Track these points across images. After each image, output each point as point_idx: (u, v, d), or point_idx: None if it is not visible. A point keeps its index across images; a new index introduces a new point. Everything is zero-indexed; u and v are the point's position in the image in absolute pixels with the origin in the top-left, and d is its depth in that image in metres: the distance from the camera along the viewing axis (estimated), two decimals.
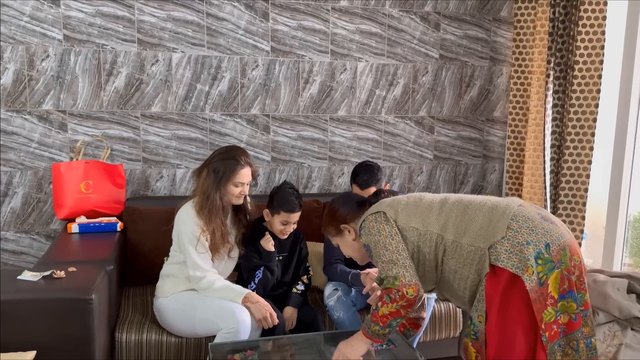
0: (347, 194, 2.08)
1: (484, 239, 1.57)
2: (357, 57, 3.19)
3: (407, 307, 1.64)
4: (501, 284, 1.53)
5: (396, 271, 1.64)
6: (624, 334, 1.69)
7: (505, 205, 1.62)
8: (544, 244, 1.51)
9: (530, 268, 1.49)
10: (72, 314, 1.85)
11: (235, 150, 2.32)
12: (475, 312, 1.61)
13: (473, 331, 1.62)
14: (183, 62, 2.91)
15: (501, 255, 1.54)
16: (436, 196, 1.78)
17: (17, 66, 2.69)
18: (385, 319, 1.66)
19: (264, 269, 2.37)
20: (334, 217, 1.96)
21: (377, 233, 1.71)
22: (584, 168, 2.89)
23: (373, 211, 1.79)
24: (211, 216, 2.21)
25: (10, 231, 2.81)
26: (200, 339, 2.22)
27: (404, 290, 1.61)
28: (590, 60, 2.82)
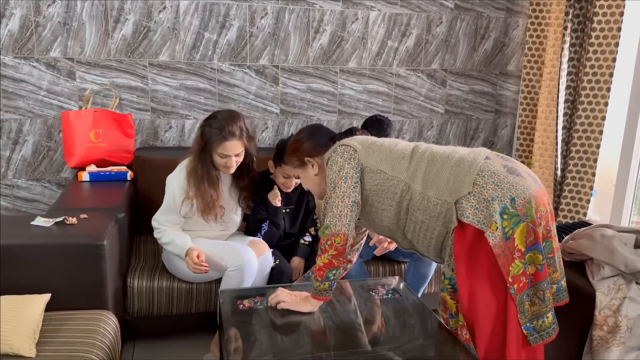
0: (317, 126, 1.99)
1: (450, 193, 1.57)
2: (369, 6, 3.10)
3: (338, 257, 1.67)
4: (467, 238, 1.54)
5: (330, 218, 1.66)
6: (628, 287, 1.70)
7: (472, 159, 1.60)
8: (509, 199, 1.50)
9: (494, 224, 1.49)
10: (84, 259, 1.89)
11: (227, 118, 2.18)
12: (449, 267, 1.63)
13: (450, 284, 1.64)
14: (191, 10, 2.85)
15: (467, 210, 1.53)
16: (409, 144, 1.75)
17: (23, 12, 2.65)
18: (322, 272, 1.68)
19: (269, 223, 2.39)
20: (298, 148, 1.88)
21: (337, 171, 1.69)
22: (597, 124, 2.84)
23: (344, 143, 1.74)
24: (197, 178, 2.19)
25: (22, 179, 2.85)
26: (210, 286, 2.27)
27: (333, 239, 1.64)
28: (610, 12, 2.73)
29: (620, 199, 2.93)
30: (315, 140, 1.86)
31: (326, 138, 1.87)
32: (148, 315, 2.28)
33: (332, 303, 1.85)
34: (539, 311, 1.54)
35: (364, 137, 1.80)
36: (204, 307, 2.29)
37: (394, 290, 2.01)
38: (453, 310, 1.66)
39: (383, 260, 2.53)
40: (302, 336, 1.69)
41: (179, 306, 2.28)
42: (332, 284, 1.72)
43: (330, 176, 1.70)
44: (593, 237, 1.82)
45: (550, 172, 3.18)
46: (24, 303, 1.73)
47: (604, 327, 1.74)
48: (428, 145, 1.73)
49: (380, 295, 1.96)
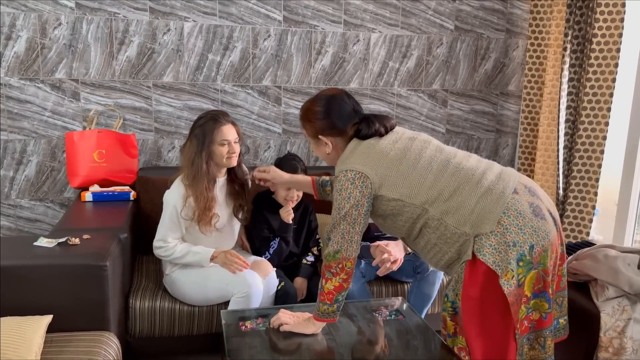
0: (337, 100, 1.73)
1: (472, 225, 1.52)
2: (370, 28, 3.14)
3: (348, 279, 1.67)
4: (480, 278, 1.51)
5: (340, 246, 1.63)
6: (633, 308, 1.70)
7: (501, 192, 1.54)
8: (528, 246, 1.47)
9: (510, 272, 1.46)
10: (87, 280, 1.89)
11: (212, 112, 2.27)
12: (453, 291, 1.62)
13: (452, 307, 1.64)
14: (195, 32, 2.89)
15: (485, 248, 1.50)
16: (436, 159, 1.62)
17: (29, 34, 2.69)
18: (332, 295, 1.68)
19: (280, 240, 2.39)
20: (312, 121, 1.74)
21: (346, 197, 1.61)
22: (599, 144, 2.85)
23: (354, 167, 1.62)
24: (195, 182, 2.17)
25: (25, 199, 2.86)
26: (212, 307, 2.26)
27: (344, 263, 1.64)
28: (609, 34, 2.76)
29: (623, 217, 2.92)
30: (331, 121, 1.71)
31: (344, 120, 1.71)
32: (150, 337, 2.26)
33: (335, 324, 1.84)
34: (537, 356, 1.54)
35: (378, 155, 1.65)
36: (205, 329, 2.28)
37: (397, 311, 2.00)
38: (451, 331, 1.66)
39: (386, 281, 2.52)
40: (305, 358, 1.67)
41: (181, 328, 2.26)
42: (340, 305, 1.72)
43: (338, 200, 1.63)
44: (596, 258, 1.82)
45: (552, 191, 3.18)
46: (26, 324, 1.72)
47: (609, 348, 1.73)
48: (458, 163, 1.62)
49: (384, 317, 1.95)
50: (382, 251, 2.25)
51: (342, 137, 1.72)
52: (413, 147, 1.66)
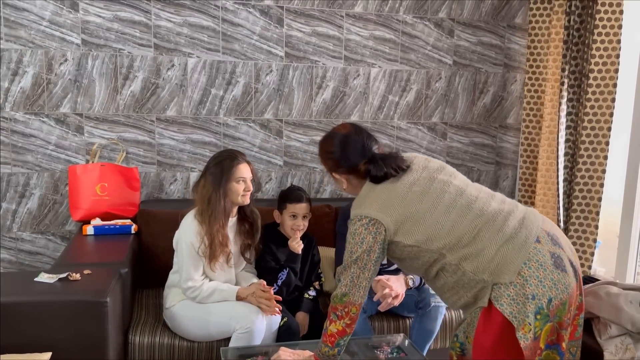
0: (352, 139, 1.74)
1: (490, 273, 1.48)
2: (370, 63, 3.20)
3: (351, 325, 1.66)
4: (495, 327, 1.49)
5: (348, 289, 1.63)
6: (636, 347, 1.68)
7: (523, 241, 1.50)
8: (547, 299, 1.45)
9: (528, 326, 1.43)
10: (87, 317, 1.88)
11: (229, 150, 2.35)
12: (463, 333, 1.60)
13: (460, 348, 1.62)
14: (198, 67, 2.94)
15: (503, 298, 1.46)
16: (455, 204, 1.57)
17: (36, 70, 2.74)
18: (333, 338, 1.66)
19: (288, 270, 2.39)
20: (327, 160, 1.78)
21: (359, 242, 1.60)
22: (598, 177, 2.87)
23: (368, 214, 1.60)
24: (212, 220, 2.18)
25: (26, 232, 2.86)
26: (212, 344, 2.24)
27: (350, 307, 1.63)
28: (605, 69, 2.81)
29: (625, 250, 2.92)
30: (339, 161, 1.75)
31: (353, 160, 1.72)
32: None
33: None
34: None
35: (397, 198, 1.62)
36: None
37: (399, 348, 1.98)
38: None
39: (387, 316, 2.51)
40: None
41: None
42: (341, 350, 1.71)
43: (351, 244, 1.63)
44: (598, 295, 1.81)
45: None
46: None
47: None
48: (480, 208, 1.57)
49: (385, 354, 1.94)
50: (384, 286, 2.25)
51: (354, 175, 1.74)
52: (431, 191, 1.62)
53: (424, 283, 2.39)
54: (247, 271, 2.46)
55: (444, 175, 1.68)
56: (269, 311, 2.16)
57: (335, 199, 3.16)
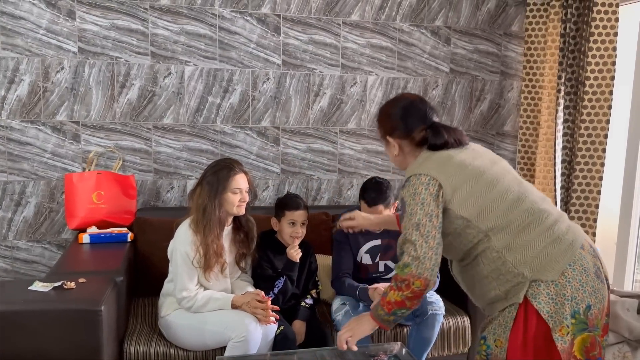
0: (415, 103, 1.70)
1: (532, 269, 1.44)
2: (367, 71, 3.21)
3: (413, 299, 1.52)
4: (531, 329, 1.45)
5: (412, 258, 1.49)
6: (634, 354, 1.67)
7: (570, 243, 1.48)
8: (585, 304, 1.42)
9: (565, 328, 1.40)
10: (81, 325, 1.87)
11: (227, 160, 2.33)
12: (492, 335, 1.52)
13: (485, 352, 1.54)
14: (195, 75, 2.95)
15: (541, 296, 1.43)
16: (512, 189, 1.53)
17: (32, 78, 2.74)
18: (390, 307, 1.55)
19: (285, 278, 2.38)
20: (386, 121, 1.71)
21: (420, 203, 1.50)
22: (595, 184, 2.87)
23: (428, 173, 1.53)
24: (207, 230, 2.17)
25: (22, 240, 2.85)
26: (208, 353, 2.22)
27: (411, 280, 1.49)
28: (601, 77, 2.82)
29: (622, 257, 2.91)
30: (397, 123, 1.68)
31: (411, 124, 1.66)
32: None
33: None
34: None
35: (457, 165, 1.56)
36: None
37: (396, 357, 1.97)
38: None
39: None
40: None
41: None
42: (396, 320, 1.60)
43: (412, 205, 1.53)
44: None
45: None
46: None
47: None
48: (534, 201, 1.54)
49: None
50: (380, 294, 2.24)
51: (408, 141, 1.66)
52: (493, 171, 1.58)
53: None
54: (242, 280, 2.45)
55: (504, 164, 1.66)
56: (264, 321, 2.15)
57: (332, 207, 3.15)
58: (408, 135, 1.65)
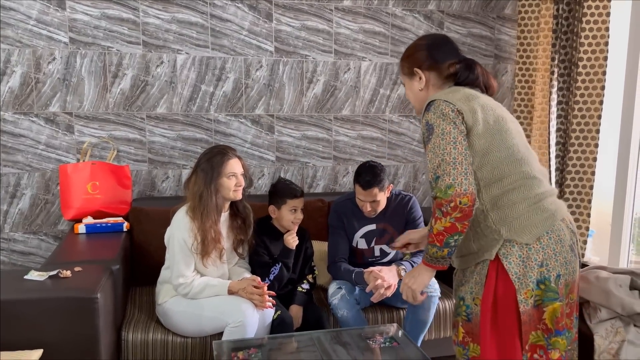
0: (444, 39, 1.70)
1: (509, 229, 1.46)
2: (360, 57, 3.20)
3: (463, 219, 1.45)
4: (500, 287, 1.48)
5: (453, 178, 1.43)
6: (626, 330, 1.68)
7: (552, 213, 1.49)
8: (556, 273, 1.45)
9: (530, 292, 1.44)
10: (77, 313, 1.87)
11: (220, 146, 2.33)
12: (470, 294, 1.55)
13: (465, 312, 1.56)
14: (187, 64, 2.94)
15: (512, 257, 1.45)
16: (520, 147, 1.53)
17: (24, 69, 2.73)
18: (442, 237, 1.47)
19: (281, 265, 2.39)
20: (413, 54, 1.67)
21: (451, 122, 1.47)
22: (589, 165, 2.87)
23: (451, 100, 1.50)
24: (204, 216, 2.18)
25: (18, 232, 2.85)
26: (206, 339, 2.24)
27: (457, 200, 1.43)
28: (594, 57, 2.81)
29: (617, 238, 2.92)
30: (429, 53, 1.65)
31: (443, 56, 1.64)
32: None
33: (328, 352, 1.82)
34: None
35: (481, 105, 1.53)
36: None
37: (392, 338, 1.98)
38: (460, 338, 1.59)
39: (381, 307, 2.51)
40: None
41: None
42: (451, 252, 1.52)
43: (441, 126, 1.49)
44: (588, 280, 1.81)
45: None
46: None
47: None
48: (531, 168, 1.54)
49: (378, 344, 1.93)
50: (376, 277, 2.25)
51: (437, 73, 1.63)
52: (509, 125, 1.56)
53: None
54: (239, 266, 2.46)
55: (519, 127, 1.65)
56: (260, 306, 2.16)
57: (328, 194, 3.16)
58: (438, 67, 1.63)
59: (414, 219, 2.55)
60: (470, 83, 1.62)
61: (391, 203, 2.54)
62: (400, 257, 2.64)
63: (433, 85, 1.65)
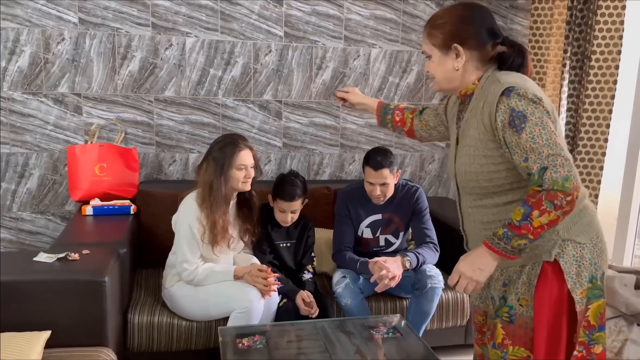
0: (490, 13, 1.49)
1: (566, 229, 1.41)
2: (370, 44, 3.17)
3: (569, 213, 1.35)
4: (555, 287, 1.44)
5: (568, 170, 1.31)
6: (629, 329, 1.70)
7: (595, 213, 1.47)
8: (601, 272, 1.44)
9: (584, 291, 1.42)
10: (85, 296, 1.90)
11: (232, 135, 2.33)
12: (515, 295, 1.48)
13: (508, 314, 1.49)
14: (196, 47, 2.92)
15: (568, 256, 1.42)
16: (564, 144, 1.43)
17: (33, 49, 2.72)
18: (541, 230, 1.35)
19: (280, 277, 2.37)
20: (455, 25, 1.46)
21: (548, 111, 1.37)
22: (598, 160, 2.86)
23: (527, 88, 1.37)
24: (214, 206, 2.19)
25: (26, 212, 2.87)
26: (211, 323, 2.26)
27: (575, 194, 1.32)
28: (607, 51, 2.77)
29: (623, 233, 2.92)
30: (481, 32, 1.45)
31: (489, 34, 1.46)
32: (148, 352, 2.27)
33: (331, 341, 1.85)
34: None
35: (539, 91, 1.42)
36: (204, 345, 2.28)
37: (395, 328, 2.00)
38: (499, 340, 1.52)
39: (385, 297, 2.52)
40: None
41: (179, 343, 2.27)
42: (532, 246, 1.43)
43: (536, 114, 1.36)
44: None
45: None
46: (24, 340, 1.73)
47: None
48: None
49: (381, 334, 1.95)
50: (380, 267, 2.26)
51: (479, 53, 1.46)
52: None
53: (420, 264, 2.40)
54: (246, 252, 2.48)
55: None
56: (264, 291, 2.18)
57: (334, 181, 3.16)
58: (483, 47, 1.45)
59: (420, 209, 2.56)
60: (514, 69, 1.47)
61: (398, 193, 2.54)
62: (405, 247, 2.65)
63: (470, 69, 1.47)
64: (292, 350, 1.83)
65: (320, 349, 1.79)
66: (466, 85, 1.50)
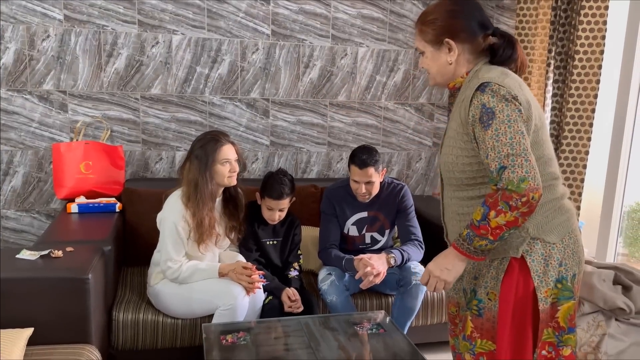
0: (479, 6, 1.49)
1: (537, 228, 1.42)
2: (358, 42, 3.18)
3: (528, 214, 1.35)
4: (521, 284, 1.45)
5: (526, 171, 1.32)
6: (607, 324, 1.72)
7: (572, 214, 1.48)
8: (572, 273, 1.44)
9: (549, 290, 1.43)
10: (68, 293, 1.89)
11: (213, 132, 2.33)
12: (484, 288, 1.50)
13: (477, 307, 1.51)
14: (183, 45, 2.91)
15: (535, 255, 1.42)
16: (549, 142, 1.46)
17: (17, 46, 2.70)
18: (499, 231, 1.36)
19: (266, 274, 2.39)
20: (445, 19, 1.47)
21: (515, 109, 1.36)
22: (581, 158, 2.89)
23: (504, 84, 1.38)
24: (199, 204, 2.19)
25: (11, 209, 2.85)
26: (196, 320, 2.26)
27: (530, 195, 1.31)
28: (590, 50, 2.81)
29: (606, 231, 2.96)
30: (471, 25, 1.46)
31: (480, 26, 1.47)
32: (133, 349, 2.26)
33: (315, 338, 1.85)
34: None
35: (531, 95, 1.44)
36: (188, 342, 2.28)
37: (379, 324, 2.02)
38: (468, 332, 1.54)
39: (370, 293, 2.54)
40: None
41: (164, 340, 2.26)
42: (498, 246, 1.45)
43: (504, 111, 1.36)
44: None
45: None
46: (5, 338, 1.72)
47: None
48: (555, 166, 1.49)
49: (365, 330, 1.97)
50: (366, 264, 2.28)
51: (472, 47, 1.48)
52: (545, 121, 1.48)
53: (405, 261, 2.42)
54: (232, 250, 2.48)
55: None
56: (249, 288, 2.19)
57: (321, 179, 3.17)
58: (475, 40, 1.47)
59: (406, 207, 2.57)
60: (504, 61, 1.48)
61: (383, 191, 2.56)
62: (390, 245, 2.66)
63: (462, 62, 1.49)
64: (276, 346, 1.83)
65: (303, 345, 1.80)
66: (456, 78, 1.52)
